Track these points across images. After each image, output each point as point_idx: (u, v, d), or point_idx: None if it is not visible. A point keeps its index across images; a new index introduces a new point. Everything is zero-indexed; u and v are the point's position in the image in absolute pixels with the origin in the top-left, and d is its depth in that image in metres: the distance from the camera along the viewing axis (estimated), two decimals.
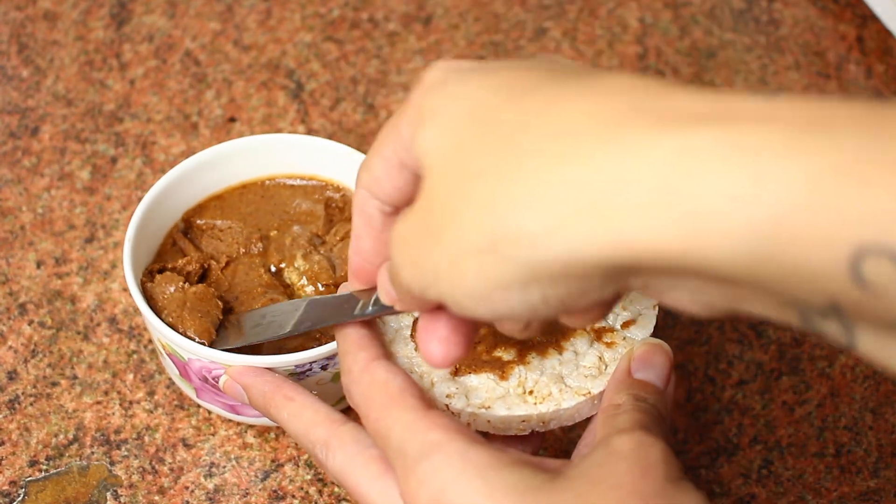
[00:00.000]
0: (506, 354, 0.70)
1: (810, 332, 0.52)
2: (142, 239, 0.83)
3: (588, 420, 0.70)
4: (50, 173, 0.96)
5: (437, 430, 0.62)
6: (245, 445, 0.83)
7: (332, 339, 0.80)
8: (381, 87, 1.01)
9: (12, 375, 0.86)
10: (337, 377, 0.80)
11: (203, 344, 0.78)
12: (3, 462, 0.82)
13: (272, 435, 0.84)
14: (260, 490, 0.81)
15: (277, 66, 1.03)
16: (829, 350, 0.87)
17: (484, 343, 0.71)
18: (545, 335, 0.71)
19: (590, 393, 0.69)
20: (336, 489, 0.81)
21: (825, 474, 0.82)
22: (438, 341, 0.62)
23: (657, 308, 0.72)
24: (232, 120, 0.99)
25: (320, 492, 0.81)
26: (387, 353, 0.68)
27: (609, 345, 0.71)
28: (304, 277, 0.84)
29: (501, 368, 0.70)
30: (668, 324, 0.88)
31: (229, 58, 1.03)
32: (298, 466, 0.82)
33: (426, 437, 0.62)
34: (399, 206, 0.63)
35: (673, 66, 1.03)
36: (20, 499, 0.81)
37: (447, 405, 0.68)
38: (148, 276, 0.82)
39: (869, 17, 1.05)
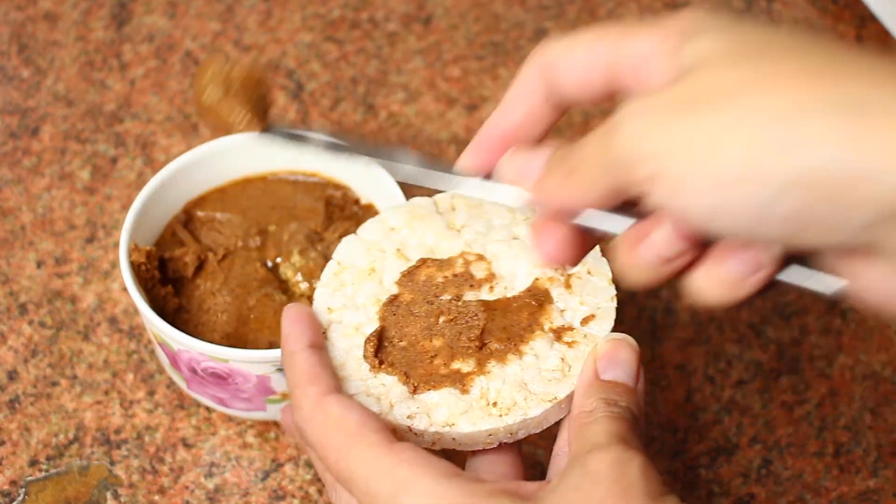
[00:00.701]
0: (465, 366, 0.67)
1: None
2: (140, 227, 0.83)
3: (559, 423, 0.68)
4: (50, 173, 0.96)
5: (404, 467, 0.59)
6: (245, 445, 0.83)
7: None
8: (381, 87, 1.02)
9: (12, 375, 0.86)
10: None
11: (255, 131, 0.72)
12: (4, 462, 0.82)
13: (272, 435, 0.84)
14: (260, 490, 0.81)
15: (277, 66, 1.03)
16: (828, 350, 0.88)
17: (440, 356, 0.68)
18: (501, 341, 0.68)
19: (556, 398, 0.66)
20: None
21: (824, 474, 0.82)
22: (556, 241, 0.59)
23: (615, 300, 0.69)
24: None
25: (320, 492, 0.81)
26: (338, 385, 0.64)
27: (570, 344, 0.67)
28: (300, 274, 0.84)
29: (462, 381, 0.66)
30: (668, 323, 0.89)
31: (229, 58, 1.03)
32: (298, 466, 0.82)
33: (394, 475, 0.59)
34: (562, 107, 0.60)
35: None
36: (20, 498, 0.81)
37: (409, 427, 0.65)
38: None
39: (868, 18, 1.05)
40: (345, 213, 0.87)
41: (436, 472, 0.59)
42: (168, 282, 0.83)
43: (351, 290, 0.70)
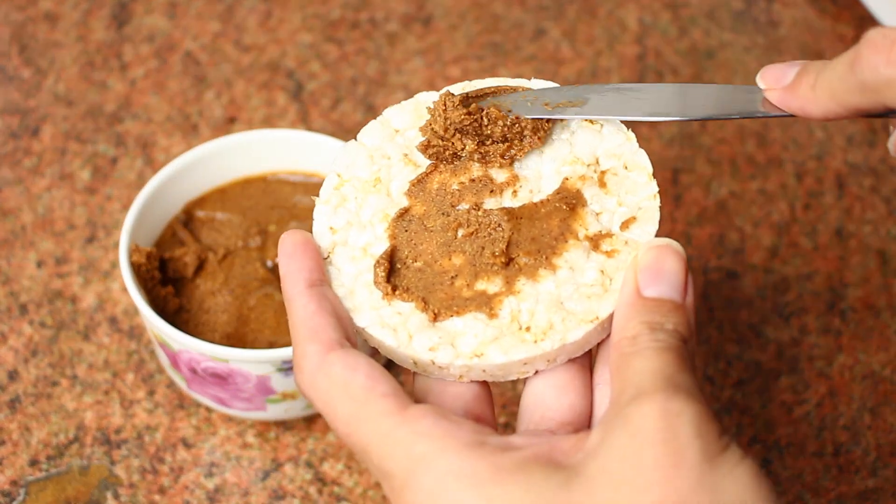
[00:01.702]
0: (490, 285, 0.59)
1: None
2: (140, 227, 0.83)
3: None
4: (50, 173, 0.96)
5: (421, 441, 0.53)
6: (245, 445, 0.83)
7: None
8: (381, 88, 1.02)
9: (13, 375, 0.86)
10: None
11: None
12: (4, 462, 0.82)
13: (272, 435, 0.84)
14: (260, 490, 0.81)
15: (277, 67, 1.03)
16: (827, 350, 0.88)
17: (462, 276, 0.59)
18: (530, 254, 0.60)
19: (597, 317, 0.58)
20: (336, 489, 0.81)
21: (824, 474, 0.82)
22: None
23: (658, 198, 0.61)
24: (232, 120, 0.99)
25: (320, 491, 0.81)
26: (341, 336, 0.57)
27: (609, 253, 0.59)
28: None
29: (489, 304, 0.59)
30: None
31: (229, 58, 1.03)
32: (298, 466, 0.82)
33: (411, 451, 0.53)
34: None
35: (672, 66, 1.03)
36: (21, 498, 0.81)
37: (432, 360, 0.58)
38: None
39: (867, 18, 1.05)
40: None
41: (457, 443, 0.53)
42: (168, 282, 0.83)
43: (355, 205, 0.63)
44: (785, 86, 0.61)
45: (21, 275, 0.91)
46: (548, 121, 0.62)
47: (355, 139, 0.64)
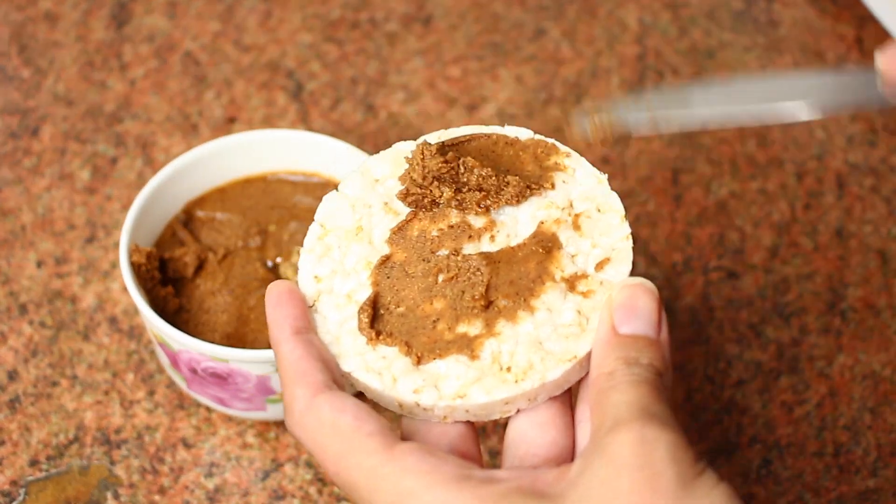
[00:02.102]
0: (471, 328, 0.61)
1: None
2: (140, 227, 0.83)
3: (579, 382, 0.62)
4: (50, 173, 0.96)
5: (408, 476, 0.55)
6: (245, 445, 0.83)
7: None
8: (381, 88, 1.02)
9: (13, 375, 0.86)
10: None
11: None
12: (4, 462, 0.82)
13: (272, 435, 0.84)
14: (260, 490, 0.81)
15: (277, 67, 1.03)
16: (827, 350, 0.88)
17: (444, 320, 0.61)
18: (509, 297, 0.61)
19: (575, 356, 0.59)
20: (336, 489, 0.81)
21: (824, 474, 0.82)
22: None
23: (631, 239, 0.63)
24: (232, 120, 0.99)
25: (320, 491, 0.81)
26: (328, 379, 0.59)
27: (586, 294, 0.61)
28: None
29: (470, 346, 0.60)
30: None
31: (229, 58, 1.03)
32: (298, 466, 0.82)
33: (398, 486, 0.55)
34: None
35: (672, 66, 1.03)
36: (21, 498, 0.81)
37: (416, 402, 0.59)
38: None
39: (867, 18, 1.05)
40: None
41: (443, 477, 0.54)
42: (168, 282, 0.83)
43: (338, 253, 0.64)
44: None
45: (21, 275, 0.91)
46: (528, 187, 0.64)
47: (336, 190, 0.66)
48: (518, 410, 0.60)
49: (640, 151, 0.97)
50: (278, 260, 0.85)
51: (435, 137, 0.66)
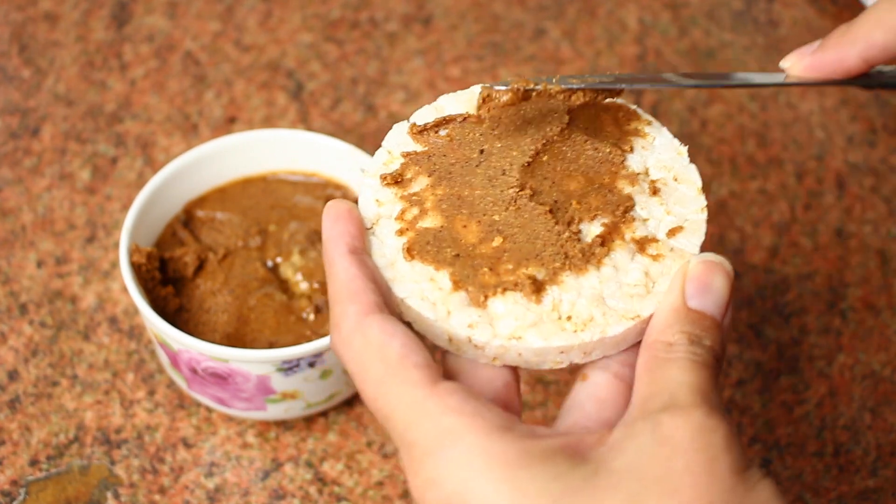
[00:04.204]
0: (537, 272, 0.59)
1: None
2: (140, 227, 0.83)
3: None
4: (50, 173, 0.96)
5: (450, 415, 0.52)
6: (245, 445, 0.83)
7: (321, 335, 0.80)
8: (381, 87, 1.02)
9: (13, 375, 0.86)
10: (326, 374, 0.80)
11: None
12: (4, 461, 0.82)
13: (272, 434, 0.84)
14: (260, 490, 0.81)
15: (277, 67, 1.03)
16: (827, 350, 0.88)
17: (510, 258, 0.59)
18: (579, 251, 0.60)
19: (639, 316, 0.58)
20: (336, 489, 0.81)
21: (824, 474, 0.82)
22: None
23: (706, 211, 0.62)
24: (232, 120, 0.99)
25: (320, 491, 0.81)
26: (381, 301, 0.57)
27: (655, 257, 0.60)
28: (300, 273, 0.84)
29: (532, 289, 0.59)
30: None
31: (229, 58, 1.03)
32: (298, 466, 0.82)
33: (438, 423, 0.52)
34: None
35: (672, 66, 1.03)
36: (21, 498, 0.81)
37: (469, 337, 0.57)
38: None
39: None
40: None
41: (486, 424, 0.52)
42: (168, 282, 0.83)
43: (403, 180, 0.63)
44: (813, 51, 0.65)
45: (21, 275, 0.91)
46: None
47: (407, 120, 0.65)
48: (570, 364, 0.59)
49: None
50: (278, 260, 0.85)
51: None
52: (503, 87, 0.62)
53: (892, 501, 0.81)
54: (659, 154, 0.64)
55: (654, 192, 0.62)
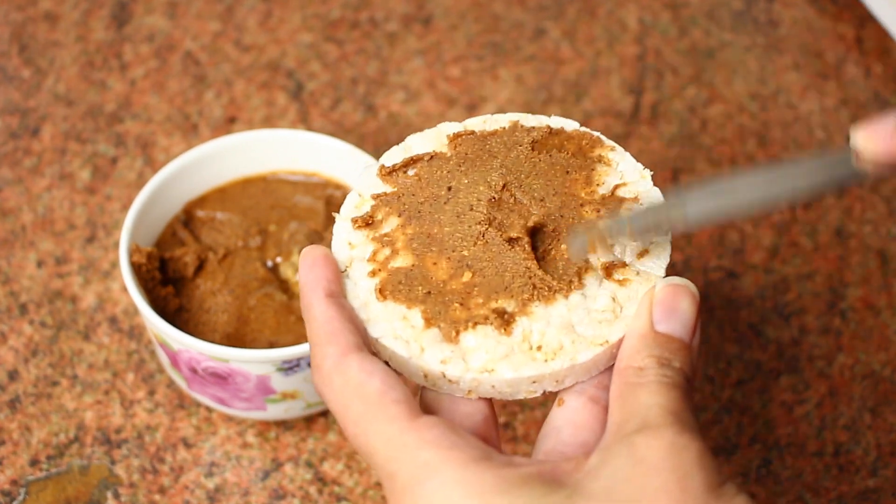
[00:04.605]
0: (506, 304, 0.60)
1: None
2: (140, 227, 0.83)
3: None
4: (50, 173, 0.96)
5: (428, 449, 0.54)
6: (245, 445, 0.83)
7: None
8: (381, 87, 1.02)
9: (13, 375, 0.86)
10: None
11: None
12: (4, 461, 0.82)
13: (272, 434, 0.84)
14: (260, 490, 0.81)
15: (277, 67, 1.03)
16: (827, 350, 0.88)
17: (479, 293, 0.61)
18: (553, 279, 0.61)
19: (607, 342, 0.59)
20: (336, 488, 0.81)
21: (824, 474, 0.82)
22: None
23: (670, 233, 0.62)
24: (232, 120, 0.99)
25: (320, 491, 0.81)
26: (359, 342, 0.58)
27: (622, 282, 0.61)
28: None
29: (501, 322, 0.60)
30: None
31: (229, 58, 1.03)
32: (298, 466, 0.82)
33: (417, 456, 0.54)
34: None
35: (672, 66, 1.03)
36: (21, 498, 0.81)
37: (443, 373, 0.59)
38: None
39: (867, 18, 1.05)
40: None
41: (463, 456, 0.54)
42: (168, 282, 0.83)
43: (374, 222, 0.64)
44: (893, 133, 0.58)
45: (21, 275, 0.91)
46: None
47: (377, 161, 0.66)
48: (544, 393, 0.60)
49: (639, 151, 0.97)
50: (278, 260, 0.85)
51: (480, 122, 0.67)
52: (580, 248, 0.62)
53: (892, 501, 0.81)
54: (624, 178, 0.65)
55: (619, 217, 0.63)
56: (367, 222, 0.64)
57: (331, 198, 0.87)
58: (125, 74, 1.02)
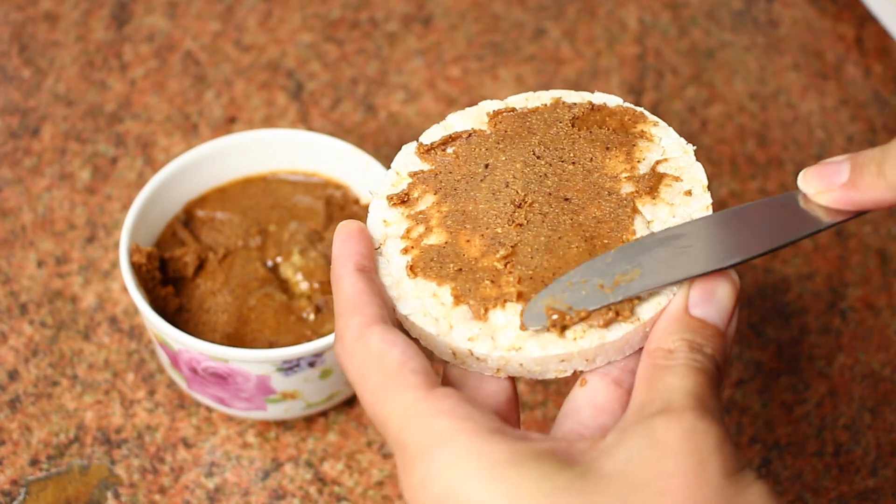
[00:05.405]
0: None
1: None
2: (140, 227, 0.83)
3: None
4: (50, 173, 0.96)
5: (442, 418, 0.53)
6: (245, 445, 0.83)
7: (321, 335, 0.80)
8: (381, 87, 1.02)
9: (13, 375, 0.86)
10: (326, 374, 0.80)
11: None
12: (5, 461, 0.82)
13: (272, 434, 0.84)
14: (260, 489, 0.81)
15: (277, 67, 1.03)
16: (827, 350, 0.88)
17: (511, 270, 0.60)
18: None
19: (638, 320, 0.58)
20: (336, 488, 0.82)
21: (824, 474, 0.82)
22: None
23: (711, 209, 0.61)
24: (232, 120, 0.99)
25: (320, 491, 0.81)
26: (385, 315, 0.58)
27: None
28: (300, 273, 0.84)
29: (530, 299, 0.59)
30: None
31: (229, 58, 1.03)
32: (298, 466, 0.82)
33: (430, 425, 0.53)
34: None
35: (672, 66, 1.03)
36: (21, 498, 0.81)
37: (470, 350, 0.58)
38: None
39: (867, 18, 1.05)
40: (345, 212, 0.87)
41: (477, 427, 0.53)
42: (168, 282, 0.83)
43: (410, 200, 0.64)
44: (843, 183, 0.59)
45: (21, 275, 0.91)
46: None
47: (416, 141, 0.66)
48: (575, 373, 0.59)
49: None
50: (278, 259, 0.85)
51: (522, 100, 0.67)
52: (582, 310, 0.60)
53: (892, 501, 0.81)
54: (665, 154, 0.64)
55: (658, 193, 0.62)
56: (402, 200, 0.64)
57: (331, 198, 0.87)
58: (125, 74, 1.02)
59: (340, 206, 0.87)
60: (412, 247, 0.62)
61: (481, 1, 1.07)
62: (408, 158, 0.65)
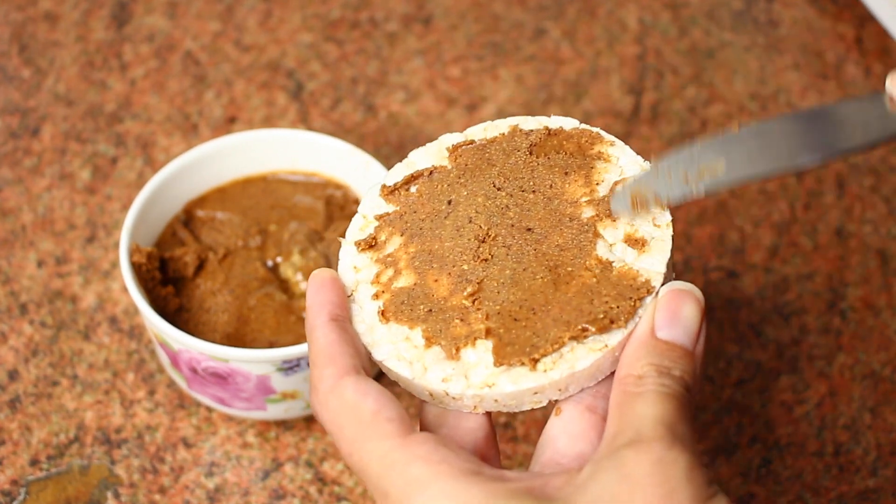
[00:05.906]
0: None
1: None
2: (140, 227, 0.83)
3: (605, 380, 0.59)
4: (50, 173, 0.96)
5: (418, 463, 0.54)
6: (245, 445, 0.83)
7: None
8: (381, 87, 1.02)
9: (13, 375, 0.86)
10: None
11: None
12: (5, 461, 0.82)
13: (272, 434, 0.84)
14: (260, 489, 0.81)
15: (277, 67, 1.03)
16: (827, 349, 0.88)
17: (479, 306, 0.60)
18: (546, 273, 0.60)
19: (606, 346, 0.58)
20: (336, 488, 0.82)
21: (824, 474, 0.82)
22: None
23: (671, 227, 0.61)
24: (232, 120, 0.99)
25: (320, 491, 0.81)
26: (358, 364, 0.59)
27: None
28: (300, 273, 0.84)
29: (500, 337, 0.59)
30: None
31: (229, 58, 1.03)
32: (298, 466, 0.82)
33: (407, 472, 0.54)
34: None
35: (672, 66, 1.03)
36: (21, 498, 0.81)
37: (445, 391, 0.59)
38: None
39: (867, 18, 1.05)
40: (345, 212, 0.87)
41: (453, 470, 0.54)
42: (168, 282, 0.83)
43: (378, 244, 0.64)
44: None
45: (21, 275, 0.91)
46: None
47: (381, 183, 0.66)
48: (551, 402, 0.59)
49: (640, 151, 0.97)
50: (278, 259, 0.85)
51: (481, 130, 0.67)
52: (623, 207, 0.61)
53: (892, 501, 0.81)
54: (623, 174, 0.64)
55: (613, 216, 0.62)
56: (370, 244, 0.64)
57: (331, 198, 0.87)
58: (125, 74, 1.02)
59: (340, 206, 0.87)
60: (383, 291, 0.62)
61: (481, 1, 1.07)
62: (373, 202, 0.65)
